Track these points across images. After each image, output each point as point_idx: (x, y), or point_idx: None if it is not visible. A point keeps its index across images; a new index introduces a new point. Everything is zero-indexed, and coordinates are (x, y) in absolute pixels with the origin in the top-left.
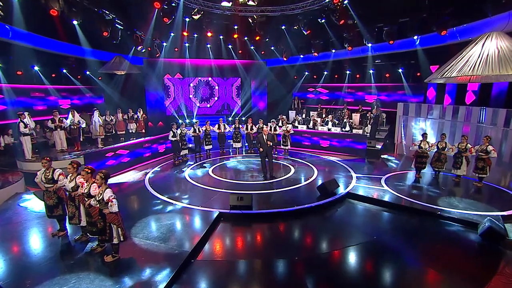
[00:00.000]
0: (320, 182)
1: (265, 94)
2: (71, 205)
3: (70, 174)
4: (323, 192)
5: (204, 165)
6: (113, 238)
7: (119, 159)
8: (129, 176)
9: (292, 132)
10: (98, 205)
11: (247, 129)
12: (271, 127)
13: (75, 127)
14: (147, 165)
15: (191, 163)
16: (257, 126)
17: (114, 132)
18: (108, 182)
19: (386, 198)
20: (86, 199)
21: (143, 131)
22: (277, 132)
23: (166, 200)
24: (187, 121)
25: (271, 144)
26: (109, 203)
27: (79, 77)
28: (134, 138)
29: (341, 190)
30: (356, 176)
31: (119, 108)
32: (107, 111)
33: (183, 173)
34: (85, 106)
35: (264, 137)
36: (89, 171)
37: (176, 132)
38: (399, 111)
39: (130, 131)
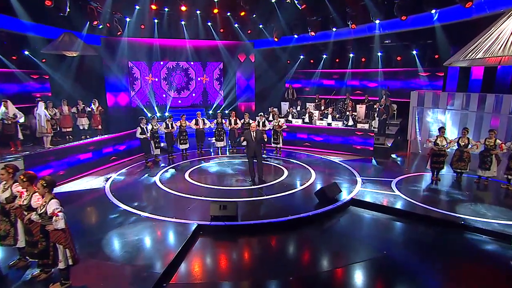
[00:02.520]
0: (318, 186)
1: (253, 82)
2: (4, 221)
3: (4, 182)
4: (322, 199)
5: (179, 167)
6: (58, 262)
7: (73, 161)
8: (86, 183)
9: (285, 127)
10: (40, 220)
11: (230, 123)
12: (259, 122)
13: (10, 122)
14: (108, 169)
15: (163, 165)
16: (241, 120)
17: (58, 129)
18: (55, 191)
19: (398, 205)
20: (26, 213)
21: (100, 127)
22: (266, 128)
23: (131, 211)
24: (158, 114)
25: (265, 140)
26: (54, 217)
27: (14, 57)
28: (88, 136)
29: (344, 196)
30: (362, 180)
31: (64, 100)
32: (50, 103)
33: (154, 177)
34: (24, 96)
35: (252, 134)
36: (25, 178)
37: (146, 128)
38: (412, 101)
39: (81, 128)
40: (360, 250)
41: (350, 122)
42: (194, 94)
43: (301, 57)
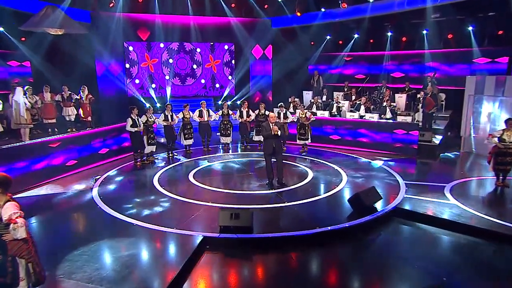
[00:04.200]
0: (351, 192)
1: (270, 67)
2: None
3: None
4: (357, 207)
5: (181, 167)
6: (19, 280)
7: (54, 158)
8: (69, 184)
9: (313, 119)
10: None
11: (241, 116)
12: (279, 113)
13: None
14: (97, 168)
15: (161, 164)
16: (256, 112)
17: (39, 120)
18: (32, 194)
19: (456, 217)
20: None
21: (90, 118)
22: (288, 121)
23: (123, 219)
24: (159, 105)
25: (286, 134)
26: (11, 225)
27: None
28: (75, 130)
29: (384, 204)
30: (405, 184)
31: (46, 85)
32: (29, 88)
33: (151, 179)
34: None
35: (271, 126)
36: None
37: (138, 120)
38: (468, 88)
39: (67, 119)
40: (410, 275)
41: (388, 115)
42: (203, 81)
43: (328, 37)
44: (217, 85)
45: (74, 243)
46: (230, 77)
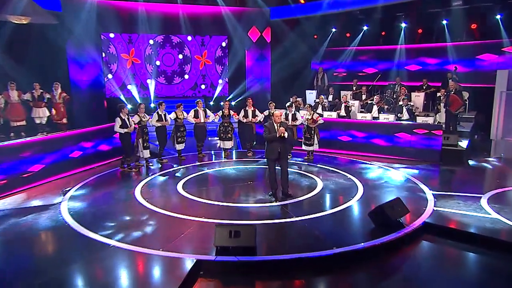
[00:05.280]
0: (368, 204)
1: (268, 64)
2: None
3: None
4: (380, 222)
5: (171, 176)
6: None
7: (17, 166)
8: (33, 198)
9: (321, 122)
10: None
11: (246, 116)
12: (287, 114)
13: None
14: (68, 178)
15: (147, 173)
16: (265, 112)
17: (2, 122)
18: None
19: (501, 234)
20: None
21: (65, 120)
22: (297, 123)
23: (98, 239)
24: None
25: (294, 138)
26: None
27: None
28: (46, 133)
29: (411, 219)
30: (433, 195)
31: (12, 82)
32: None
33: (133, 191)
34: None
35: (275, 126)
36: None
37: (128, 120)
38: (499, 84)
39: (38, 121)
40: None
41: (405, 115)
42: (186, 76)
43: (333, 30)
44: (203, 87)
45: (36, 270)
46: (221, 81)
